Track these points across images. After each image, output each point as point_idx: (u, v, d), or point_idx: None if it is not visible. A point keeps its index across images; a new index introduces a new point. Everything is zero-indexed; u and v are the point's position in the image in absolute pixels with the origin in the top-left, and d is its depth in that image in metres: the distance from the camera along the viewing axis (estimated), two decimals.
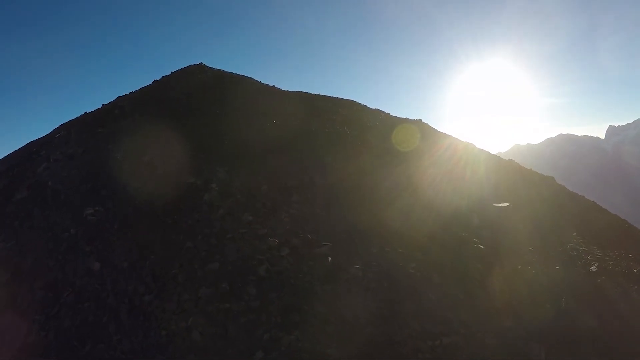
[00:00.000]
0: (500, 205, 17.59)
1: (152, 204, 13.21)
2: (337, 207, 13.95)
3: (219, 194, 13.73)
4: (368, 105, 28.62)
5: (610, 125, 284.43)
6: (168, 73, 27.97)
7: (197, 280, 10.24)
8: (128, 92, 25.46)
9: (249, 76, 29.10)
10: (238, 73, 29.05)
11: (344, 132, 21.56)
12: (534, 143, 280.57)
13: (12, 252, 12.65)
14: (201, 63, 29.18)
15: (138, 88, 26.02)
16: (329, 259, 11.19)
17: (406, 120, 27.78)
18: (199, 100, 22.99)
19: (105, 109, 21.52)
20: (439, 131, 26.87)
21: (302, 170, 16.35)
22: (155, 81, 26.78)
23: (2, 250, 12.93)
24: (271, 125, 20.93)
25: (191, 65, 28.86)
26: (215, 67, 29.06)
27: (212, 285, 10.02)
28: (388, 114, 28.47)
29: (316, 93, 28.77)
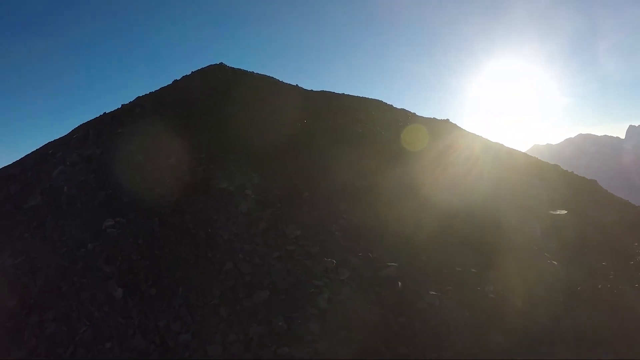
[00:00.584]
0: (558, 212, 15.12)
1: (180, 214, 10.79)
2: (391, 215, 11.49)
3: (256, 202, 11.30)
4: (394, 105, 26.19)
5: (630, 125, 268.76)
6: (187, 73, 25.63)
7: (244, 313, 7.79)
8: (147, 93, 23.08)
9: (270, 75, 26.71)
10: (259, 72, 26.64)
11: (377, 133, 19.11)
12: (553, 143, 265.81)
13: (20, 270, 10.26)
14: (221, 63, 26.79)
15: (157, 89, 23.67)
16: (399, 283, 8.74)
17: (434, 120, 25.33)
18: (221, 101, 20.54)
19: (125, 109, 19.10)
20: (470, 132, 24.36)
21: (342, 174, 13.92)
22: (175, 81, 24.37)
23: (10, 267, 10.54)
24: (300, 125, 18.51)
25: (211, 65, 26.45)
26: (235, 66, 26.65)
27: (264, 321, 7.58)
28: (414, 113, 26.02)
29: (340, 92, 26.33)
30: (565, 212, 15.21)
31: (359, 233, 10.56)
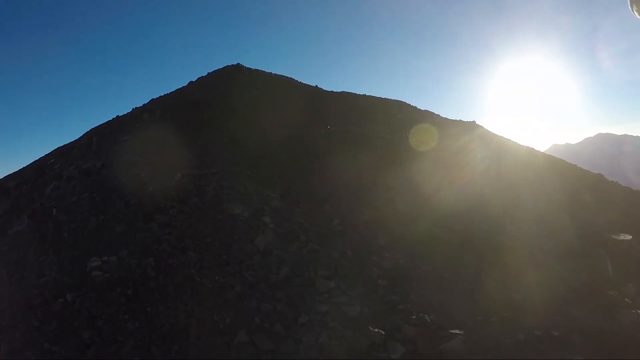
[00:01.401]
0: (622, 238, 12.04)
1: (183, 252, 8.06)
2: (447, 254, 8.61)
3: (276, 235, 8.51)
4: (418, 107, 23.14)
5: None
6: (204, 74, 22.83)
7: None
8: (161, 95, 20.37)
9: (289, 76, 23.79)
10: (276, 73, 23.73)
11: (405, 139, 16.17)
12: (572, 143, 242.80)
13: None
14: (238, 63, 23.94)
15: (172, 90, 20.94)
16: None
17: (460, 122, 22.23)
18: (237, 104, 17.73)
19: (134, 114, 16.40)
20: (499, 135, 21.19)
21: (376, 192, 11.08)
22: (190, 82, 21.57)
23: None
24: (324, 130, 15.67)
25: (228, 65, 23.59)
26: (253, 67, 23.77)
27: None
28: (439, 115, 22.94)
29: (362, 93, 23.35)
30: (630, 237, 12.14)
31: (408, 281, 7.71)
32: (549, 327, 6.95)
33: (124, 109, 19.06)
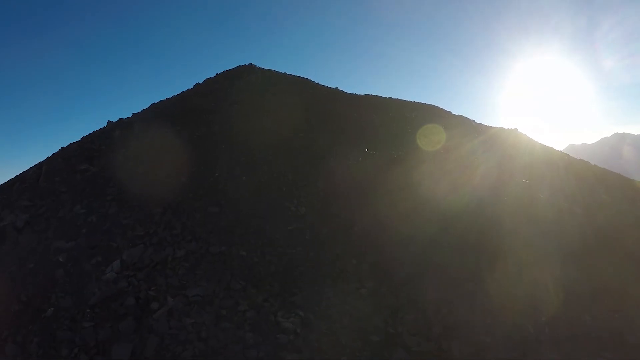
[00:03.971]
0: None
1: None
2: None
3: None
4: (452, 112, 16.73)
5: None
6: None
7: None
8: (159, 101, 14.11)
9: (305, 77, 17.30)
10: (291, 74, 17.24)
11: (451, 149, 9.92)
12: (589, 143, 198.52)
13: None
14: (251, 63, 17.48)
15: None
16: None
17: (501, 129, 15.93)
18: (248, 109, 11.47)
19: (104, 130, 10.16)
20: (542, 144, 14.82)
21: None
22: (197, 85, 15.18)
23: None
24: (361, 158, 9.44)
25: (240, 66, 17.09)
26: (266, 67, 17.28)
27: None
28: (473, 121, 16.57)
29: (387, 96, 16.90)
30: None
31: None
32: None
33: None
